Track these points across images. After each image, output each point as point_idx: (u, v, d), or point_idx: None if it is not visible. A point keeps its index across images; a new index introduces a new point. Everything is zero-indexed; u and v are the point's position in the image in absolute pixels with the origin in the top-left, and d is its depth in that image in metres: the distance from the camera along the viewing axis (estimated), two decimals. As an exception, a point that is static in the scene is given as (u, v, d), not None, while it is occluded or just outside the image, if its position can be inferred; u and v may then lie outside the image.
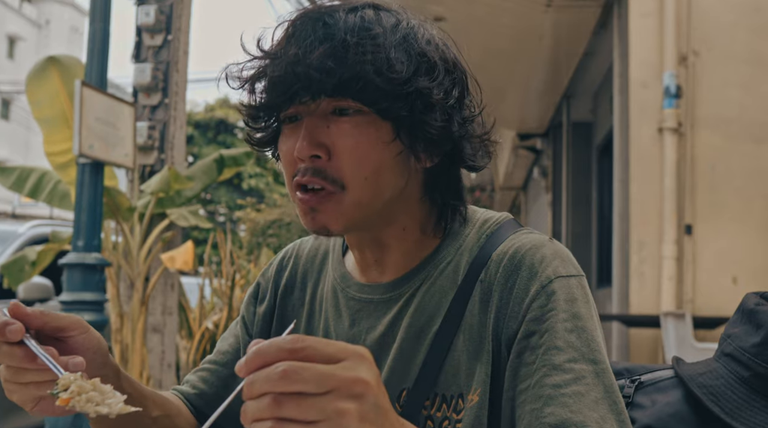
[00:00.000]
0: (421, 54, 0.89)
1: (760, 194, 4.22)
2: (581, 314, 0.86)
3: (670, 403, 1.04)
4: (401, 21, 0.91)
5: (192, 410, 1.07)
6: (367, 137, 0.88)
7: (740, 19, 4.33)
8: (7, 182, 4.83)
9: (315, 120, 0.88)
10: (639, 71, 4.36)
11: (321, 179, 0.88)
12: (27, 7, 36.83)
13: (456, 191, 0.97)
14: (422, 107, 0.88)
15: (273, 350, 0.59)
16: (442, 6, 5.81)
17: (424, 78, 0.88)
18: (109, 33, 3.89)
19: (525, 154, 10.34)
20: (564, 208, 8.17)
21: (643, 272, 4.26)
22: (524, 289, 0.88)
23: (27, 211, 20.81)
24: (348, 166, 0.87)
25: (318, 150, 0.87)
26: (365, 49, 0.85)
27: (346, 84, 0.85)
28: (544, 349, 0.83)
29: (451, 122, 0.91)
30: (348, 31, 0.86)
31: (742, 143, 4.25)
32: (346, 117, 0.88)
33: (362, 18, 0.88)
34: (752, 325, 1.04)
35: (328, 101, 0.88)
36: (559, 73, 7.01)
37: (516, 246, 0.92)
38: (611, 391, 0.82)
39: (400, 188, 0.92)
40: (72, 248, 3.76)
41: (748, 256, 4.19)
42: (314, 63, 0.84)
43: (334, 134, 0.88)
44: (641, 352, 4.33)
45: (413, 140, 0.89)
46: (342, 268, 1.03)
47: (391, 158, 0.89)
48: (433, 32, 0.95)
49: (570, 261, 0.91)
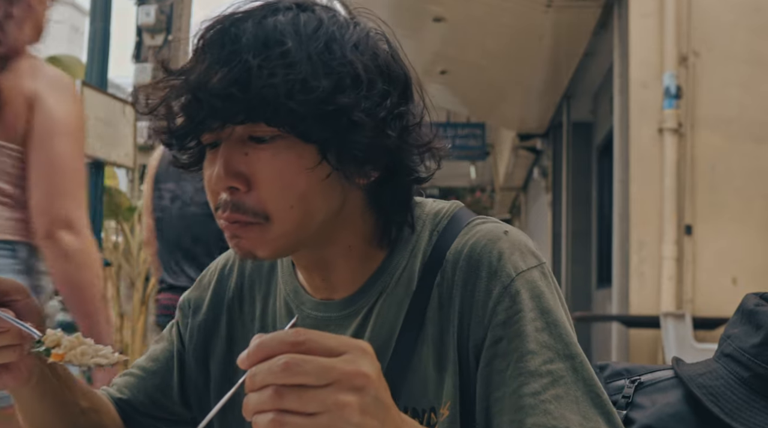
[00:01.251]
0: (345, 65, 0.79)
1: (760, 194, 4.22)
2: (549, 308, 0.83)
3: (670, 403, 1.04)
4: (323, 24, 0.81)
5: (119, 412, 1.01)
6: (288, 163, 0.79)
7: (740, 19, 4.33)
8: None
9: (231, 147, 0.80)
10: (639, 72, 4.36)
11: (242, 214, 0.80)
12: (27, 7, 36.86)
13: (402, 204, 0.89)
14: (347, 126, 0.79)
15: (275, 343, 0.59)
16: (442, 6, 5.81)
17: (348, 93, 0.78)
18: (109, 33, 3.89)
19: (525, 154, 10.35)
20: (564, 208, 8.17)
21: (643, 272, 4.26)
22: (486, 292, 0.83)
23: (27, 211, 20.80)
24: (270, 197, 0.80)
25: (235, 181, 0.80)
26: (272, 70, 0.76)
27: (254, 111, 0.77)
28: (517, 355, 0.79)
29: (384, 136, 0.81)
30: (251, 50, 0.77)
31: (742, 143, 4.25)
32: (264, 144, 0.80)
33: (275, 28, 0.79)
34: (752, 326, 1.04)
35: (242, 127, 0.80)
36: (559, 74, 7.01)
37: (471, 243, 0.86)
38: (591, 384, 0.80)
39: (336, 210, 0.85)
40: (72, 247, 3.76)
41: (748, 256, 4.19)
42: (215, 89, 0.76)
43: (252, 162, 0.80)
44: (641, 352, 4.33)
45: (341, 161, 0.80)
46: (293, 281, 0.95)
47: (319, 182, 0.81)
48: (365, 31, 0.85)
49: (529, 251, 0.86)
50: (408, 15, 6.35)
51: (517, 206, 15.63)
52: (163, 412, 1.02)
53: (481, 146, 10.84)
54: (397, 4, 6.29)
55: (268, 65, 0.76)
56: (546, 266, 0.87)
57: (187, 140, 0.84)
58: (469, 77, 7.82)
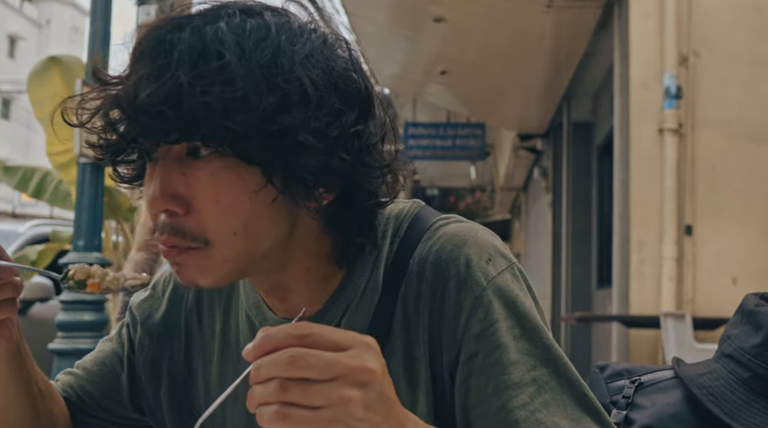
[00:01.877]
0: (291, 80, 0.71)
1: (761, 194, 4.22)
2: (525, 313, 0.79)
3: (670, 404, 1.04)
4: (270, 34, 0.73)
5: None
6: (229, 186, 0.73)
7: (740, 19, 4.33)
8: (12, 182, 4.85)
9: (168, 166, 0.74)
10: (639, 72, 4.36)
11: (180, 238, 0.74)
12: (28, 7, 36.85)
13: (362, 226, 0.82)
14: (293, 147, 0.72)
15: (281, 336, 0.60)
16: (442, 6, 5.81)
17: (294, 111, 0.71)
18: (109, 32, 3.90)
19: (525, 154, 10.35)
20: (564, 208, 8.16)
21: (643, 272, 4.26)
22: (456, 303, 0.79)
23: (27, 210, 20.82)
24: (210, 221, 0.73)
25: (172, 204, 0.73)
26: (206, 87, 0.69)
27: (188, 130, 0.70)
28: (499, 369, 0.76)
29: (336, 158, 0.74)
30: (183, 65, 0.70)
31: (742, 143, 4.26)
32: (203, 162, 0.73)
33: (214, 38, 0.71)
34: (752, 326, 1.05)
35: (179, 145, 0.73)
36: (560, 74, 7.01)
37: (436, 250, 0.82)
38: (576, 385, 0.78)
39: (285, 234, 0.78)
40: (72, 247, 3.76)
41: (748, 257, 4.19)
42: (144, 106, 0.69)
43: (191, 183, 0.73)
44: (641, 353, 4.33)
45: (288, 184, 0.73)
46: (255, 295, 0.89)
47: (264, 206, 0.74)
48: (322, 39, 0.76)
49: (497, 252, 0.82)
50: (408, 15, 6.35)
51: (517, 206, 15.63)
52: (113, 416, 0.99)
53: (481, 146, 10.83)
54: (397, 5, 6.29)
55: (201, 81, 0.69)
56: (516, 266, 0.83)
57: (120, 156, 0.77)
58: (469, 77, 7.82)
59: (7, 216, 20.06)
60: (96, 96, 0.75)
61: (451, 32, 6.30)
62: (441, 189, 18.70)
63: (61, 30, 37.82)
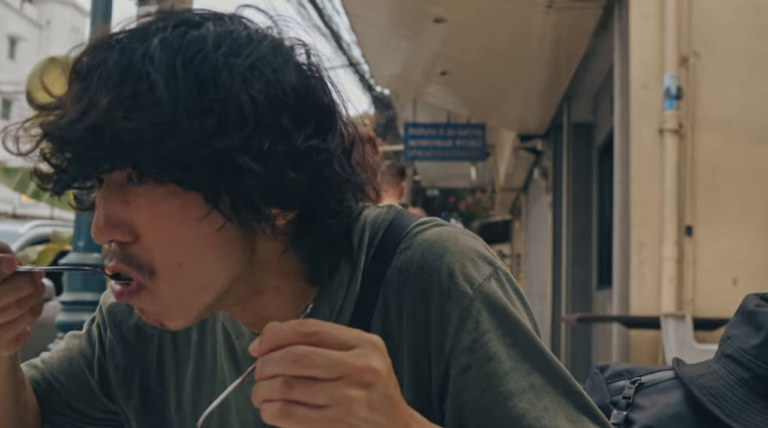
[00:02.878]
0: (228, 99, 0.66)
1: (761, 195, 4.23)
2: (514, 320, 0.77)
3: (671, 404, 1.04)
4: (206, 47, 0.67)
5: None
6: (170, 214, 0.68)
7: (741, 20, 4.33)
8: (11, 183, 4.84)
9: (110, 194, 0.70)
10: (639, 72, 4.36)
11: (126, 265, 0.70)
12: (28, 8, 36.88)
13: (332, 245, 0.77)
14: (234, 171, 0.66)
15: (287, 333, 0.59)
16: (443, 7, 5.81)
17: (233, 132, 0.66)
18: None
19: (525, 155, 10.35)
20: (564, 209, 8.17)
21: (643, 273, 4.26)
22: (442, 316, 0.76)
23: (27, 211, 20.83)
24: (155, 251, 0.70)
25: (116, 233, 0.70)
26: (129, 112, 0.64)
27: (116, 158, 0.66)
28: (496, 380, 0.74)
29: (285, 178, 0.68)
30: (103, 88, 0.65)
31: (742, 144, 4.26)
32: (144, 189, 0.69)
33: (143, 57, 0.66)
34: (752, 326, 1.05)
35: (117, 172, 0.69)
36: (560, 75, 7.01)
37: (416, 261, 0.77)
38: (570, 386, 0.77)
39: (244, 261, 0.73)
40: (73, 248, 3.76)
41: (749, 257, 4.19)
42: (67, 135, 0.65)
43: (133, 210, 0.69)
44: (641, 353, 4.33)
45: (236, 209, 0.68)
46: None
47: (211, 234, 0.69)
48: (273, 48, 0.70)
49: (480, 257, 0.79)
50: (408, 16, 6.35)
51: (517, 206, 15.63)
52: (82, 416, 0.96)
53: (481, 146, 10.84)
54: (398, 5, 6.29)
55: (123, 105, 0.64)
56: (501, 269, 0.80)
57: (59, 187, 0.72)
58: (469, 78, 7.82)
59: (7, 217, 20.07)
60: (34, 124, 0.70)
61: (451, 33, 6.30)
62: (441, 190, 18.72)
63: (61, 31, 37.83)
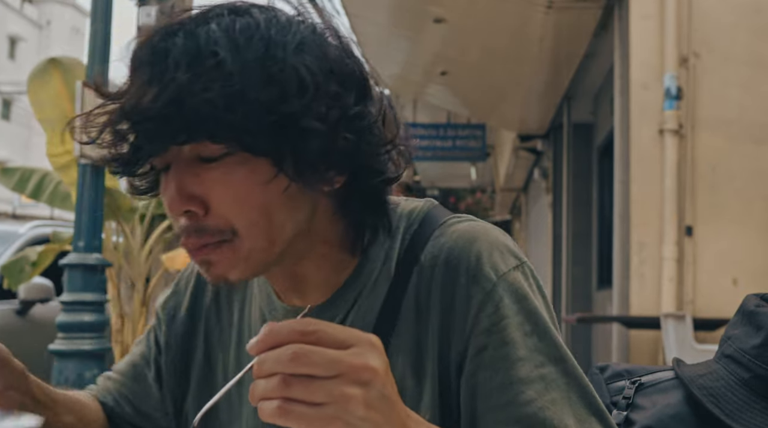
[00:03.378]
0: (286, 70, 0.73)
1: (761, 195, 4.23)
2: (534, 311, 0.79)
3: (671, 404, 1.04)
4: (260, 29, 0.74)
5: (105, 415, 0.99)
6: (241, 180, 0.75)
7: (741, 20, 4.33)
8: (10, 183, 4.84)
9: (181, 169, 0.75)
10: (640, 73, 4.36)
11: (207, 236, 0.76)
12: (28, 8, 36.87)
13: (374, 206, 0.84)
14: (298, 134, 0.73)
15: (285, 331, 0.60)
16: (443, 7, 5.81)
17: (294, 100, 0.73)
18: (110, 34, 3.89)
19: (525, 155, 10.35)
20: (564, 209, 8.17)
21: (643, 273, 4.26)
22: (466, 299, 0.79)
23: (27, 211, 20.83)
24: (230, 215, 0.75)
25: (190, 204, 0.75)
26: (204, 84, 0.70)
27: (192, 128, 0.72)
28: (507, 364, 0.76)
29: (341, 140, 0.75)
30: (181, 66, 0.71)
31: (742, 144, 4.26)
32: (216, 163, 0.75)
33: (207, 38, 0.73)
34: (752, 327, 1.05)
35: (188, 148, 0.75)
36: (560, 75, 7.02)
37: (448, 246, 0.82)
38: (582, 386, 0.79)
39: (304, 220, 0.80)
40: (73, 248, 3.76)
41: (749, 257, 4.19)
42: (148, 111, 0.71)
43: (205, 183, 0.75)
44: (641, 353, 4.33)
45: (299, 171, 0.75)
46: (268, 287, 0.91)
47: (278, 195, 0.76)
48: (311, 29, 0.78)
49: (508, 250, 0.83)
50: (408, 16, 6.35)
51: (517, 207, 15.63)
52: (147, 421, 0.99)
53: (481, 147, 10.83)
54: (398, 6, 6.30)
55: (200, 80, 0.71)
56: (527, 265, 0.83)
57: (134, 167, 0.78)
58: (469, 78, 7.82)
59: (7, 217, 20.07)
60: (101, 112, 0.76)
61: (451, 33, 6.30)
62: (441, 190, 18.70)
63: (61, 31, 37.83)
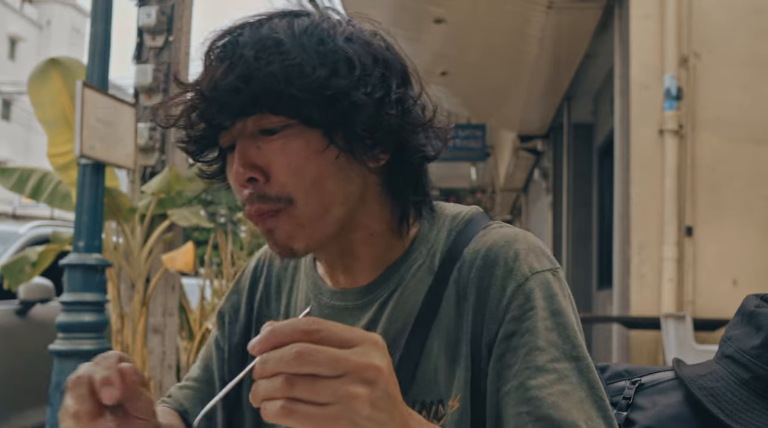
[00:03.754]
0: (338, 53, 0.84)
1: (761, 195, 4.22)
2: (561, 310, 0.84)
3: (671, 405, 1.04)
4: (314, 23, 0.87)
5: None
6: (298, 149, 0.84)
7: (741, 21, 4.33)
8: (8, 183, 4.83)
9: (245, 143, 0.86)
10: (640, 73, 4.37)
11: (266, 203, 0.85)
12: (28, 8, 36.87)
13: (417, 185, 0.93)
14: (347, 108, 0.84)
15: (288, 330, 0.60)
16: (443, 8, 5.81)
17: (344, 77, 0.83)
18: (110, 34, 3.89)
19: (526, 155, 10.35)
20: (565, 209, 8.17)
21: (643, 273, 4.26)
22: (501, 289, 0.86)
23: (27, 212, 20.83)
24: (287, 183, 0.84)
25: (253, 172, 0.85)
26: (271, 59, 0.82)
27: (257, 99, 0.82)
28: (526, 350, 0.81)
29: (386, 116, 0.86)
30: (247, 45, 0.83)
31: (742, 144, 4.26)
32: (275, 135, 0.85)
33: (270, 28, 0.85)
34: (752, 327, 1.05)
35: (252, 122, 0.85)
36: (560, 75, 7.02)
37: (488, 243, 0.89)
38: (595, 387, 0.81)
39: (353, 193, 0.88)
40: (73, 248, 3.76)
41: (749, 258, 4.19)
42: (221, 85, 0.82)
43: (266, 154, 0.85)
44: (642, 354, 4.33)
45: (348, 142, 0.85)
46: (314, 274, 0.99)
47: (330, 164, 0.85)
48: (358, 29, 0.90)
49: (544, 254, 0.89)
50: (409, 16, 6.35)
51: (517, 207, 15.63)
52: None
53: (481, 147, 10.83)
54: (398, 6, 6.30)
55: (265, 56, 0.82)
56: (560, 271, 0.89)
57: (205, 143, 0.89)
58: (469, 79, 7.82)
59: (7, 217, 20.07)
60: (179, 100, 0.87)
61: (451, 33, 6.30)
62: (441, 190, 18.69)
63: (61, 31, 37.83)
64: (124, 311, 4.84)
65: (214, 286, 6.85)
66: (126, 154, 4.13)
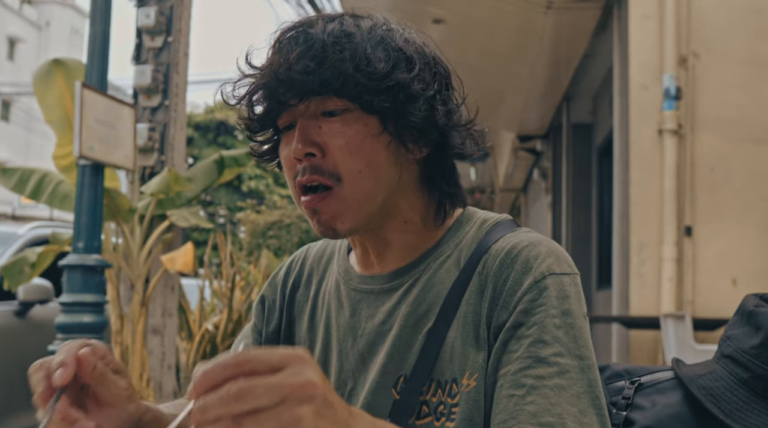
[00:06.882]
0: (399, 51, 0.94)
1: (760, 195, 4.23)
2: (571, 312, 0.88)
3: (670, 404, 1.04)
4: (378, 24, 0.96)
5: None
6: (355, 131, 0.92)
7: (740, 20, 4.33)
8: (9, 184, 4.83)
9: (307, 122, 0.94)
10: (639, 73, 4.37)
11: (318, 176, 0.93)
12: (27, 9, 36.85)
13: (450, 180, 1.02)
14: (404, 99, 0.92)
15: (219, 369, 0.59)
16: (442, 8, 5.81)
17: (403, 72, 0.92)
18: (109, 35, 3.89)
19: (525, 156, 10.35)
20: (564, 209, 8.17)
21: (643, 273, 4.26)
22: (517, 282, 0.90)
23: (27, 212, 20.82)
24: (341, 161, 0.92)
25: (312, 148, 0.92)
26: (343, 47, 0.90)
27: (328, 82, 0.90)
28: (531, 341, 0.85)
29: (434, 111, 0.95)
30: (326, 34, 0.91)
31: (741, 144, 4.26)
32: (336, 117, 0.93)
33: (341, 23, 0.94)
34: (752, 327, 1.05)
35: (316, 104, 0.93)
36: (559, 75, 7.02)
37: (514, 242, 0.95)
38: (594, 386, 0.84)
39: (396, 180, 0.96)
40: (72, 249, 3.76)
41: (748, 257, 4.19)
42: (295, 66, 0.90)
43: (325, 133, 0.93)
44: (641, 353, 4.33)
45: (400, 130, 0.94)
46: (346, 263, 1.07)
47: (382, 149, 0.94)
48: (413, 35, 0.99)
49: (565, 260, 0.94)
50: (408, 17, 6.34)
51: (516, 207, 15.63)
52: None
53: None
54: (397, 6, 6.29)
55: (340, 44, 0.91)
56: (578, 278, 0.93)
57: (265, 122, 0.97)
58: (468, 79, 7.79)
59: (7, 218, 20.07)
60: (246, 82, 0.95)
61: (450, 34, 6.30)
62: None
63: (60, 32, 37.81)
64: (124, 311, 4.84)
65: (213, 287, 6.85)
66: (125, 154, 4.13)
